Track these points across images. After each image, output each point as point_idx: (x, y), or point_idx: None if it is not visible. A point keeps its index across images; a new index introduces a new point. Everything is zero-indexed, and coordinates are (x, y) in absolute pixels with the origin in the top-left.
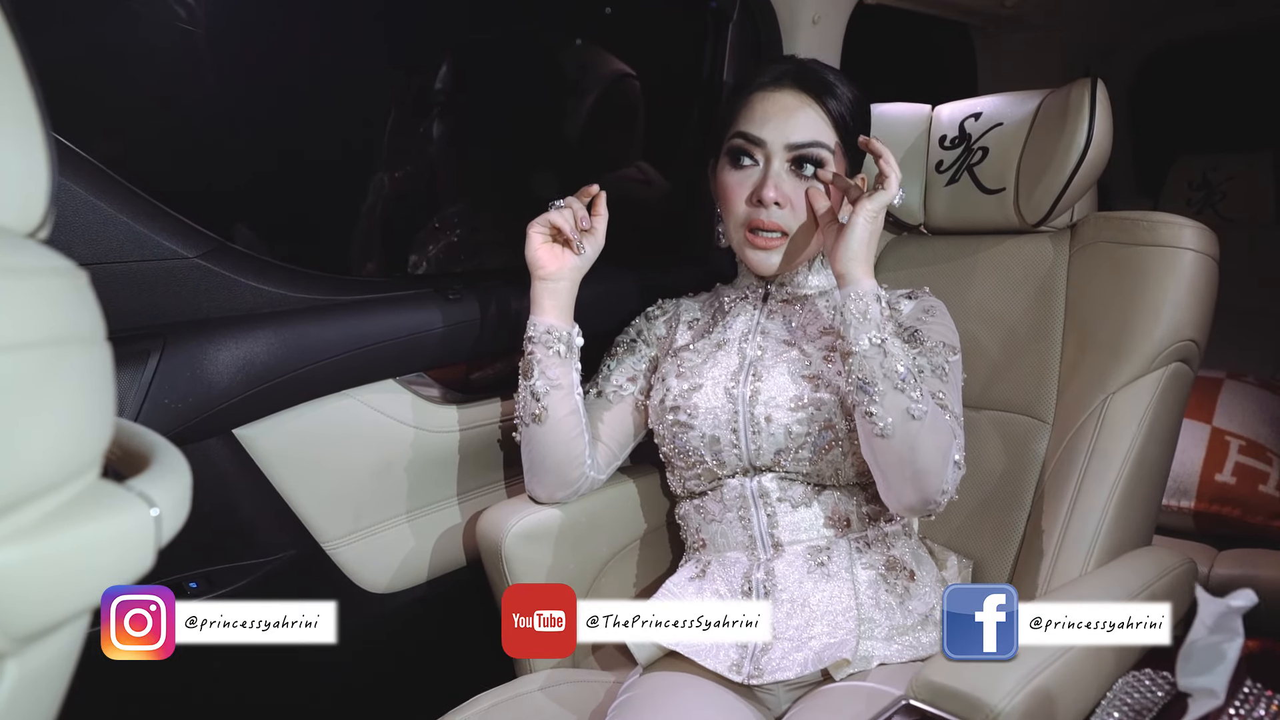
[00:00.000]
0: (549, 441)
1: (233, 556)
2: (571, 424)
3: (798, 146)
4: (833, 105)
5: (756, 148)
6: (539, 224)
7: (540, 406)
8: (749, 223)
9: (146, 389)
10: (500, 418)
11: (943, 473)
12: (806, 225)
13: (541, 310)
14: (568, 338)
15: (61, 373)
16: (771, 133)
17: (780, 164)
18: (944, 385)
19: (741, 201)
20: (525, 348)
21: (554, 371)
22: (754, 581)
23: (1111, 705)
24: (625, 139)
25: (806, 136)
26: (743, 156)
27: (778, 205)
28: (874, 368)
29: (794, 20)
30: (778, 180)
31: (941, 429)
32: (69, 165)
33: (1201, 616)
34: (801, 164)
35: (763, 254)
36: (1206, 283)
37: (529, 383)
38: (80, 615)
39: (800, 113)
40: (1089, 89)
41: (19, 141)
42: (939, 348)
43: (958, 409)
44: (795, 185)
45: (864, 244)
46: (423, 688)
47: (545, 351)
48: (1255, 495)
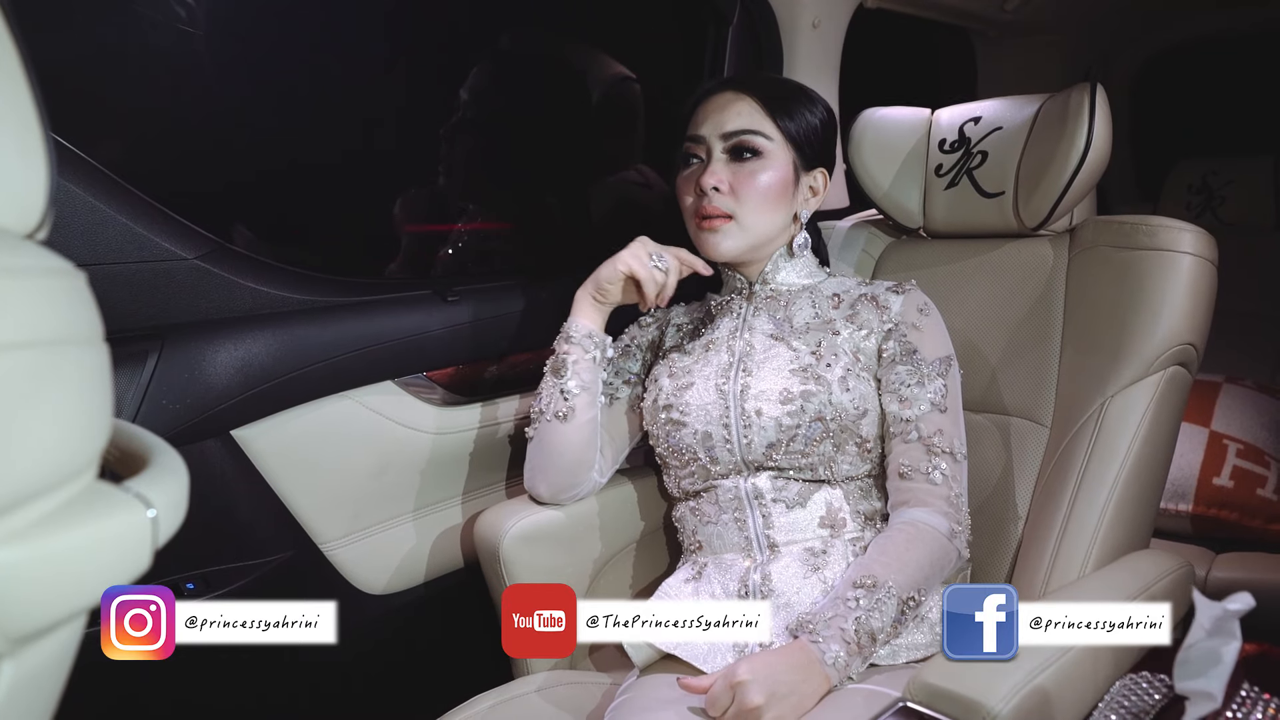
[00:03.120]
0: (568, 441)
1: (230, 557)
2: (591, 428)
3: (731, 135)
4: (765, 98)
5: (698, 145)
6: (642, 262)
7: (568, 406)
8: (697, 212)
9: (144, 390)
10: (499, 419)
11: (951, 559)
12: (754, 207)
13: (584, 314)
14: (604, 344)
15: (59, 373)
16: (708, 128)
17: (718, 154)
18: (943, 419)
19: (689, 196)
20: (560, 347)
21: (587, 375)
22: (750, 584)
23: (1109, 708)
24: (625, 142)
25: (739, 125)
26: (689, 158)
27: (716, 190)
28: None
29: (794, 24)
30: (716, 167)
31: (934, 568)
32: (68, 166)
33: (1199, 620)
34: (739, 152)
35: (711, 235)
36: (1205, 287)
37: (560, 380)
38: (77, 616)
39: (733, 105)
40: (1088, 93)
41: (18, 142)
42: (936, 364)
43: (960, 438)
44: (734, 170)
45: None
46: (420, 689)
47: (583, 354)
48: (1253, 499)
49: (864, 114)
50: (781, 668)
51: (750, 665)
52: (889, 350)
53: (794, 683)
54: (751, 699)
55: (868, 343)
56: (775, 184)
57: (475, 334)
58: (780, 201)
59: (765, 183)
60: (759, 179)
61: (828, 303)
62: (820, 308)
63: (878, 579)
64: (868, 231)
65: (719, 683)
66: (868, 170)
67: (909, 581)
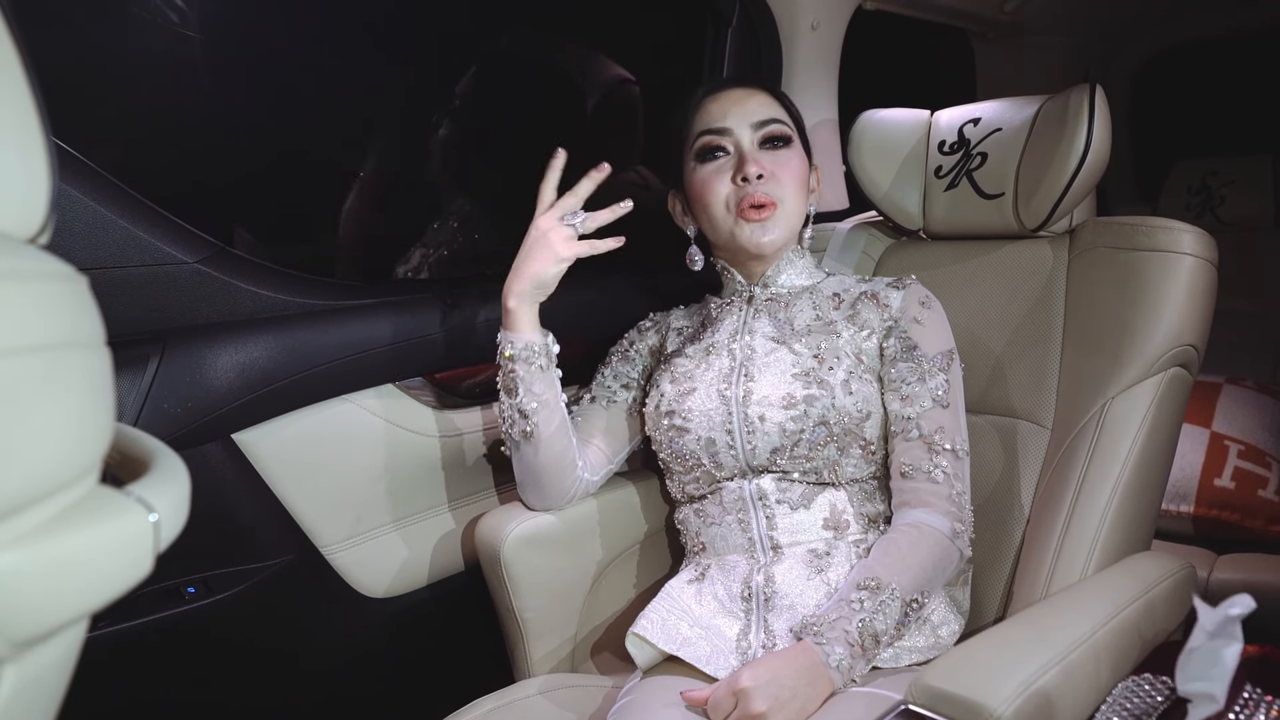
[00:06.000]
0: (541, 457)
1: (231, 561)
2: (561, 436)
3: (764, 123)
4: (778, 93)
5: (724, 137)
6: (573, 242)
7: (530, 424)
8: (740, 201)
9: (146, 394)
10: (500, 422)
11: (954, 559)
12: (793, 192)
13: (519, 326)
14: (546, 349)
15: (61, 378)
16: (734, 119)
17: (751, 142)
18: (944, 415)
19: (724, 186)
20: (504, 366)
21: (539, 387)
22: (754, 586)
23: (1111, 710)
24: (624, 143)
25: (768, 114)
26: (714, 151)
27: (761, 178)
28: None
29: (793, 26)
30: (755, 154)
31: (937, 569)
32: (69, 170)
33: (1201, 622)
34: (771, 141)
35: (759, 227)
36: (1205, 287)
37: (515, 400)
38: (79, 620)
39: (754, 98)
40: (1088, 94)
41: (19, 146)
42: (937, 359)
43: (961, 434)
44: (772, 158)
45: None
46: (421, 692)
47: (528, 368)
48: (1254, 500)
49: (863, 116)
50: (785, 672)
51: (753, 672)
52: (890, 348)
53: (797, 687)
54: (755, 707)
55: (869, 343)
56: (805, 172)
57: (475, 336)
58: (806, 191)
59: (799, 169)
60: (793, 165)
61: (828, 303)
62: (821, 309)
63: (881, 581)
64: (868, 233)
65: (721, 688)
66: (867, 172)
67: (912, 583)
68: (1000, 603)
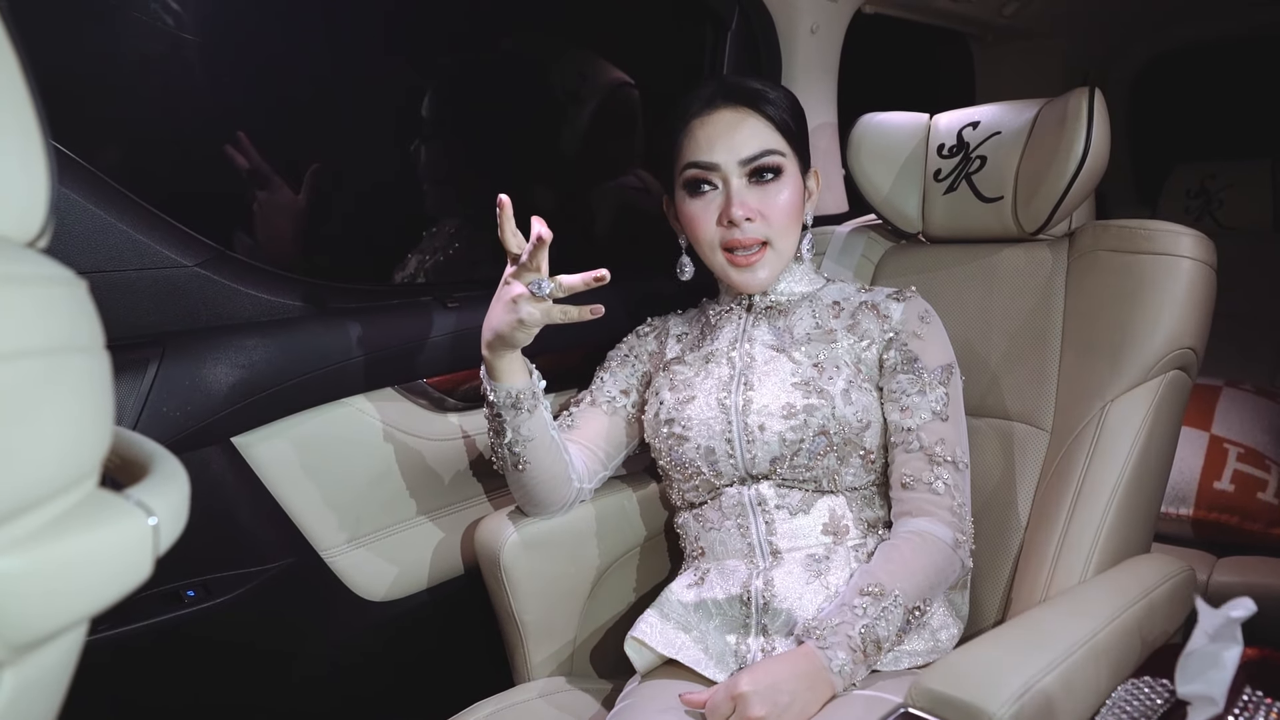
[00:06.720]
0: (534, 481)
1: (230, 565)
2: (553, 462)
3: (751, 159)
4: (770, 111)
5: (712, 172)
6: (546, 310)
7: (523, 461)
8: (725, 244)
9: (145, 397)
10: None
11: (955, 569)
12: (783, 229)
13: (497, 375)
14: (531, 391)
15: (60, 381)
16: (722, 154)
17: (739, 181)
18: (945, 427)
19: (711, 225)
20: (491, 411)
21: (525, 429)
22: (753, 590)
23: (1110, 713)
24: (624, 146)
25: (757, 147)
26: (701, 185)
27: (749, 220)
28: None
29: (792, 29)
30: (741, 198)
31: (939, 577)
32: (69, 174)
33: (1201, 624)
34: (760, 174)
35: (748, 272)
36: (1204, 291)
37: (503, 440)
38: (78, 624)
39: (743, 126)
40: (1087, 97)
41: (19, 150)
42: (937, 373)
43: (962, 446)
44: (760, 196)
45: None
46: (421, 696)
47: (514, 414)
48: (1253, 503)
49: (862, 119)
50: (784, 676)
51: (752, 676)
52: (890, 359)
53: (796, 691)
54: (753, 711)
55: (869, 353)
56: (797, 201)
57: (475, 340)
58: (799, 216)
59: (789, 202)
60: (783, 200)
61: (828, 311)
62: (820, 317)
63: (885, 587)
64: (867, 236)
65: (720, 692)
66: (866, 175)
67: (915, 590)
68: (1000, 606)
